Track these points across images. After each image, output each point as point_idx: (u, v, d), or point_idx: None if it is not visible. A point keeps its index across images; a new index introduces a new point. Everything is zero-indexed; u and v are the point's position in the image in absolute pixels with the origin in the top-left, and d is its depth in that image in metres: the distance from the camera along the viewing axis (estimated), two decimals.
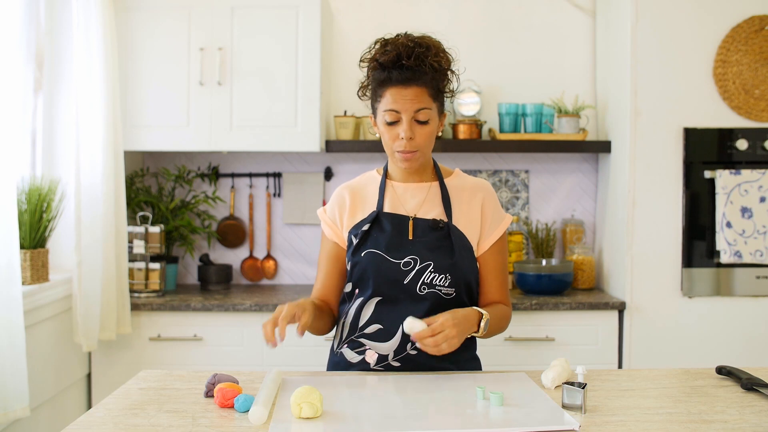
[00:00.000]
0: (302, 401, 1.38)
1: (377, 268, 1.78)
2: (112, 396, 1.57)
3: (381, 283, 1.79)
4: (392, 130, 1.76)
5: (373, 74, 1.76)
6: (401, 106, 1.72)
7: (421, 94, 1.72)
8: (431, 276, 1.77)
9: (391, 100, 1.73)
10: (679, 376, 1.73)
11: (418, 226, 1.82)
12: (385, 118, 1.75)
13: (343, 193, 1.91)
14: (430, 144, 1.80)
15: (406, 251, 1.78)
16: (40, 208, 2.55)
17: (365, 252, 1.80)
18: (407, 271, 1.77)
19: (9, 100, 2.20)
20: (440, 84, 1.77)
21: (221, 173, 3.52)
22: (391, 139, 1.77)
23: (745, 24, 2.96)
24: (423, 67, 1.70)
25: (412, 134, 1.74)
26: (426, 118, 1.74)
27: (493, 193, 1.91)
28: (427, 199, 1.85)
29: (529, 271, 3.11)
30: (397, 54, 1.70)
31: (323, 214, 1.93)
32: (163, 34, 3.10)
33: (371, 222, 1.83)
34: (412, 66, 1.69)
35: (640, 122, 3.00)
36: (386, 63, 1.71)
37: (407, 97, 1.72)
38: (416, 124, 1.75)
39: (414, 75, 1.70)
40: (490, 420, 1.38)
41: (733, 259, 2.95)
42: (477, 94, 3.29)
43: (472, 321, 1.71)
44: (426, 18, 3.46)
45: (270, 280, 3.54)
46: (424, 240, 1.79)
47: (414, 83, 1.71)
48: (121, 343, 2.96)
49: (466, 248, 1.81)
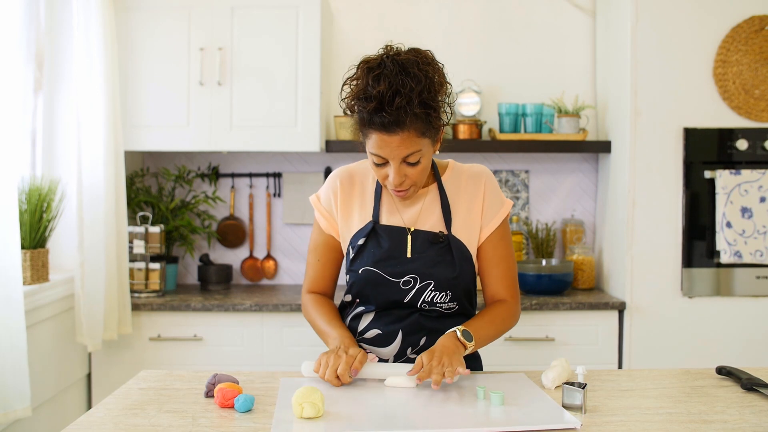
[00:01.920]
0: (304, 401, 1.38)
1: (375, 288, 1.74)
2: (112, 396, 1.57)
3: (379, 300, 1.75)
4: (381, 170, 1.66)
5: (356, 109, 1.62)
6: (387, 153, 1.60)
7: (407, 139, 1.58)
8: (432, 294, 1.72)
9: (376, 146, 1.60)
10: (679, 376, 1.73)
11: (417, 239, 1.74)
12: (373, 159, 1.65)
13: (337, 182, 1.82)
14: (425, 175, 1.69)
15: (405, 269, 1.72)
16: (40, 208, 2.55)
17: (362, 269, 1.74)
18: (407, 290, 1.72)
19: (9, 100, 2.20)
20: (431, 120, 1.60)
21: (221, 173, 3.52)
22: (381, 178, 1.68)
23: (745, 24, 2.96)
24: (408, 115, 1.54)
25: (402, 177, 1.64)
26: (416, 160, 1.62)
27: (492, 178, 1.81)
28: (425, 208, 1.77)
29: (529, 271, 3.11)
30: (378, 103, 1.54)
31: (317, 202, 1.84)
32: (163, 34, 3.10)
33: (367, 236, 1.76)
34: (394, 114, 1.54)
35: (640, 122, 3.00)
36: (367, 108, 1.57)
37: (393, 144, 1.58)
38: (406, 166, 1.63)
39: (398, 121, 1.55)
40: (491, 419, 1.38)
41: (733, 259, 2.95)
42: (477, 94, 3.29)
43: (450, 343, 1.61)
44: (426, 18, 3.46)
45: (270, 280, 3.54)
46: (423, 257, 1.72)
47: (399, 129, 1.56)
48: (121, 343, 2.96)
49: (466, 259, 1.75)
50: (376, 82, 1.56)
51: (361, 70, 1.60)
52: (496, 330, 1.77)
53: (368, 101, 1.56)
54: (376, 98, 1.55)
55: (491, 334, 1.75)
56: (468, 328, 1.67)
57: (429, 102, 1.57)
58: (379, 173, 1.67)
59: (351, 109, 1.64)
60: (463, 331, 1.65)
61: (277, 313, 2.96)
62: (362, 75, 1.59)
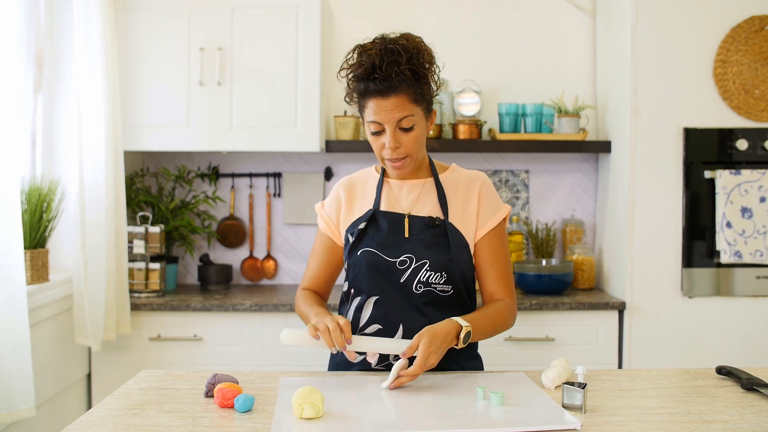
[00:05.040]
0: (304, 402, 1.39)
1: (373, 267, 1.79)
2: (113, 396, 1.57)
3: (377, 281, 1.79)
4: (378, 139, 1.77)
5: (354, 85, 1.76)
6: (382, 117, 1.72)
7: (401, 103, 1.71)
8: (427, 274, 1.77)
9: (373, 112, 1.73)
10: (679, 376, 1.73)
11: (414, 223, 1.82)
12: (370, 128, 1.76)
13: (340, 190, 1.93)
14: (419, 147, 1.79)
15: (401, 249, 1.78)
16: (40, 208, 2.55)
17: (361, 250, 1.81)
18: (403, 269, 1.78)
19: (9, 100, 2.20)
20: (421, 87, 1.74)
21: (221, 173, 3.52)
22: (378, 148, 1.78)
23: (745, 24, 2.96)
24: (398, 76, 1.68)
25: (397, 143, 1.74)
26: (410, 125, 1.74)
27: (489, 183, 1.89)
28: (422, 196, 1.85)
29: (529, 271, 3.11)
30: (371, 65, 1.69)
31: (321, 209, 1.95)
32: (163, 34, 3.10)
33: (367, 220, 1.84)
34: (386, 76, 1.68)
35: (640, 122, 3.00)
36: (361, 76, 1.71)
37: (387, 108, 1.71)
38: (400, 132, 1.74)
39: (390, 85, 1.69)
40: (491, 420, 1.38)
41: (733, 259, 2.95)
42: (477, 94, 3.29)
43: (450, 336, 1.65)
44: (426, 18, 3.46)
45: (270, 280, 3.54)
46: (419, 238, 1.79)
47: (392, 92, 1.70)
48: (121, 343, 2.96)
49: (462, 245, 1.81)
50: (367, 51, 1.71)
51: (355, 51, 1.76)
52: (495, 329, 1.80)
53: (361, 67, 1.71)
54: (368, 63, 1.69)
55: (489, 332, 1.78)
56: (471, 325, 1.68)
57: (418, 69, 1.71)
58: (377, 143, 1.77)
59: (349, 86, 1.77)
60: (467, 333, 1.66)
61: (277, 313, 2.96)
62: (355, 53, 1.75)
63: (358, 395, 1.56)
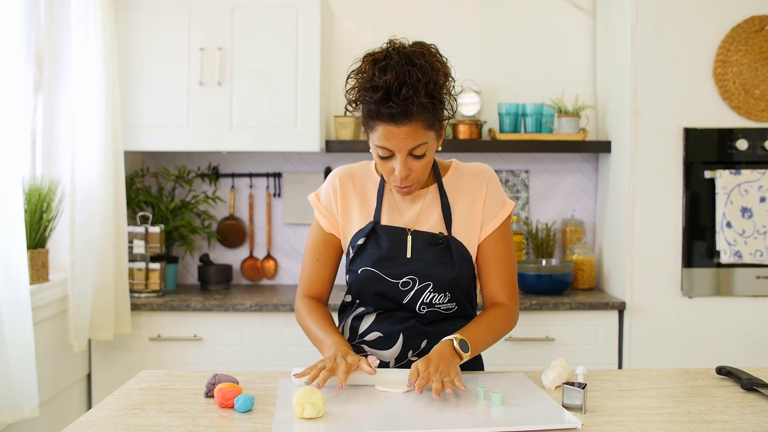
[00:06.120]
0: (305, 401, 1.38)
1: (374, 288, 1.72)
2: (112, 396, 1.57)
3: (379, 301, 1.74)
4: (386, 164, 1.64)
5: (361, 99, 1.60)
6: (394, 145, 1.59)
7: (415, 130, 1.57)
8: (431, 296, 1.71)
9: (383, 137, 1.58)
10: (679, 376, 1.73)
11: (417, 240, 1.73)
12: (378, 152, 1.63)
13: (336, 180, 1.81)
14: (428, 170, 1.69)
15: (404, 270, 1.71)
16: (40, 208, 2.55)
17: (361, 269, 1.73)
18: (406, 291, 1.71)
19: (9, 100, 2.20)
20: (436, 113, 1.60)
21: (221, 173, 3.52)
22: (386, 172, 1.66)
23: (745, 24, 2.96)
24: (414, 106, 1.53)
25: (407, 171, 1.63)
26: (422, 152, 1.61)
27: (496, 178, 1.79)
28: (425, 208, 1.76)
29: (529, 271, 3.11)
30: (385, 92, 1.53)
31: (316, 201, 1.83)
32: (163, 34, 3.10)
33: (366, 236, 1.75)
34: (402, 104, 1.53)
35: (640, 122, 3.00)
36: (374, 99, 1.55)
37: (400, 136, 1.57)
38: (411, 159, 1.62)
39: (406, 112, 1.54)
40: (491, 419, 1.38)
41: (733, 259, 2.95)
42: (477, 94, 3.29)
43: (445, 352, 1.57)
44: (426, 18, 3.46)
45: (270, 280, 3.54)
46: (423, 257, 1.71)
47: (406, 120, 1.55)
48: (121, 343, 2.96)
49: (466, 260, 1.73)
50: (382, 72, 1.54)
51: (366, 62, 1.59)
52: (494, 335, 1.75)
53: (375, 91, 1.55)
54: (383, 88, 1.53)
55: (489, 340, 1.73)
56: (465, 336, 1.64)
57: (435, 93, 1.57)
58: (384, 167, 1.65)
59: (356, 102, 1.62)
60: (460, 340, 1.62)
61: (277, 313, 2.96)
62: (368, 67, 1.58)
63: (358, 395, 1.55)
